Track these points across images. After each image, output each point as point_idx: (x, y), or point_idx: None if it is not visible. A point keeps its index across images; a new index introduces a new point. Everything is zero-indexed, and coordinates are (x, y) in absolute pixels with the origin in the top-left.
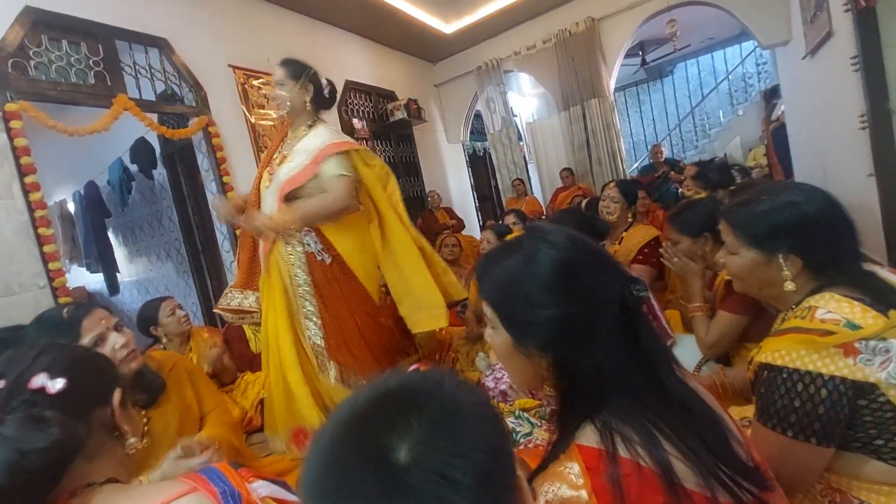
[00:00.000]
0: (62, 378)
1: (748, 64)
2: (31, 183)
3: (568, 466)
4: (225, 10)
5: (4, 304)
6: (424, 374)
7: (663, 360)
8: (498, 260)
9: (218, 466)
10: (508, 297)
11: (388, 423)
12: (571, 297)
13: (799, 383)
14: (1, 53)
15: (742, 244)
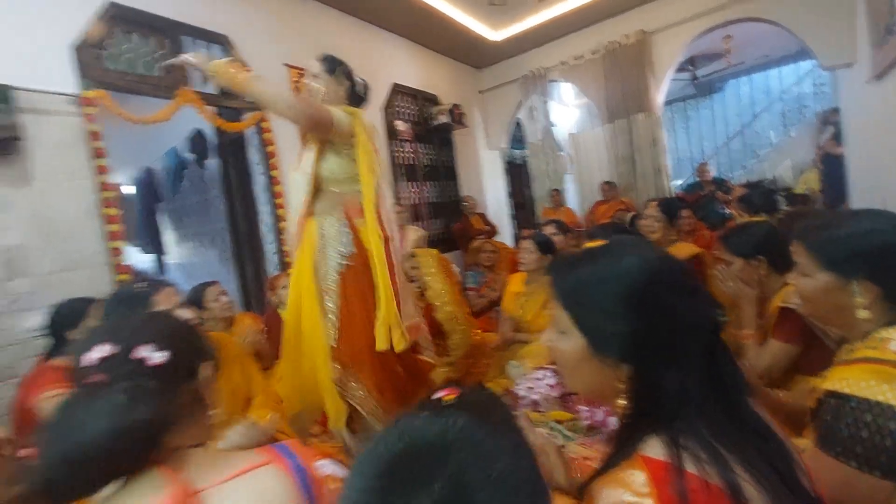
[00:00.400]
0: (166, 351)
1: (805, 84)
2: (100, 166)
3: (632, 474)
4: (282, 10)
5: (69, 278)
6: (437, 429)
7: (739, 388)
8: (580, 264)
9: (287, 443)
10: (590, 302)
11: (409, 484)
12: (659, 312)
13: (867, 413)
14: (82, 44)
15: (817, 267)
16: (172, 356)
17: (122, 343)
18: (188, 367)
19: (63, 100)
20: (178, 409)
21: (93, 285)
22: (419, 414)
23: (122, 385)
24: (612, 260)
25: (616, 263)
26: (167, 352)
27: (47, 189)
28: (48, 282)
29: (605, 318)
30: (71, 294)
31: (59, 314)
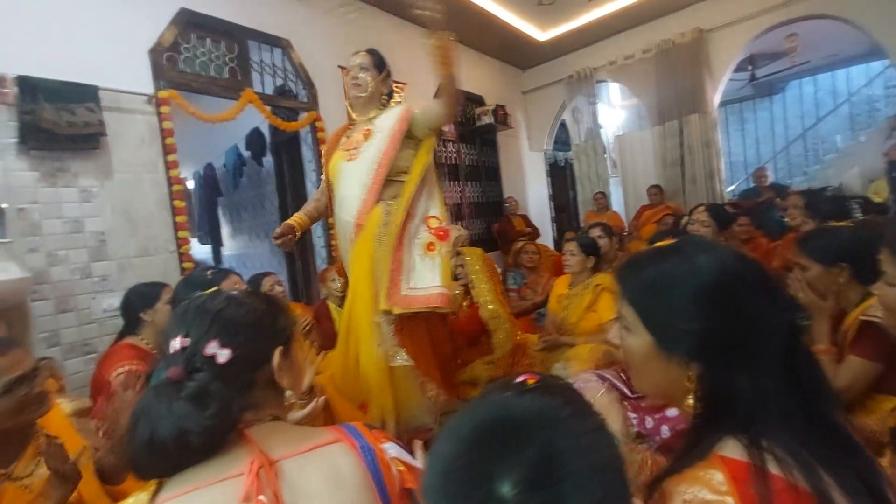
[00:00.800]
0: (229, 349)
1: (876, 86)
2: (171, 161)
3: (710, 473)
4: (338, 14)
5: (141, 263)
6: (528, 401)
7: (824, 395)
8: (651, 262)
9: (354, 424)
10: (659, 299)
11: (493, 464)
12: (731, 311)
13: None
14: (158, 48)
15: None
16: (236, 352)
17: (195, 336)
18: (258, 357)
19: (141, 99)
20: (251, 397)
21: (165, 271)
22: (506, 392)
23: (192, 386)
24: (682, 257)
25: (687, 261)
26: (229, 349)
27: (127, 181)
28: (129, 265)
29: (673, 315)
30: (147, 278)
31: (133, 297)
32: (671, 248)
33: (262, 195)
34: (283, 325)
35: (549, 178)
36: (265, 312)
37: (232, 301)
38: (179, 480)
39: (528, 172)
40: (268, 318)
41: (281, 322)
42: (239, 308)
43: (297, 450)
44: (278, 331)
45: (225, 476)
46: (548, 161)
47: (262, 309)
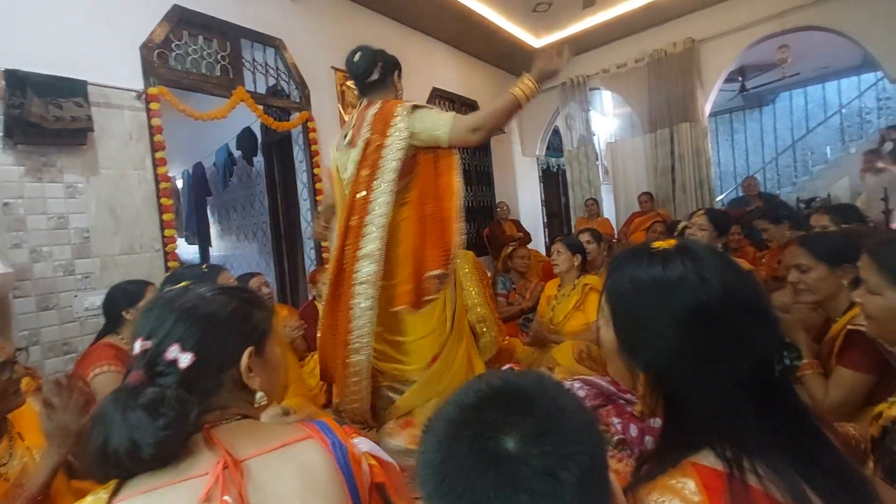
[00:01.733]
0: (190, 353)
1: (867, 97)
2: (160, 158)
3: (681, 481)
4: (332, 15)
5: (126, 261)
6: (528, 375)
7: (809, 435)
8: (638, 266)
9: (325, 420)
10: (632, 308)
11: (500, 421)
12: (698, 339)
13: None
14: (149, 44)
15: (888, 284)
16: (198, 356)
17: (158, 338)
18: (223, 360)
19: (130, 95)
20: (217, 399)
21: (150, 270)
22: (501, 372)
23: (150, 394)
24: (669, 276)
25: (672, 283)
26: (191, 354)
27: (114, 178)
28: (113, 263)
29: (640, 327)
30: (131, 277)
31: (117, 294)
32: (663, 257)
33: (252, 195)
34: (255, 322)
35: (541, 183)
36: (236, 310)
37: (200, 299)
38: (141, 480)
39: (520, 178)
40: (238, 316)
41: (254, 319)
42: (207, 306)
43: (265, 448)
44: (250, 329)
45: (188, 476)
46: (540, 167)
47: (233, 306)
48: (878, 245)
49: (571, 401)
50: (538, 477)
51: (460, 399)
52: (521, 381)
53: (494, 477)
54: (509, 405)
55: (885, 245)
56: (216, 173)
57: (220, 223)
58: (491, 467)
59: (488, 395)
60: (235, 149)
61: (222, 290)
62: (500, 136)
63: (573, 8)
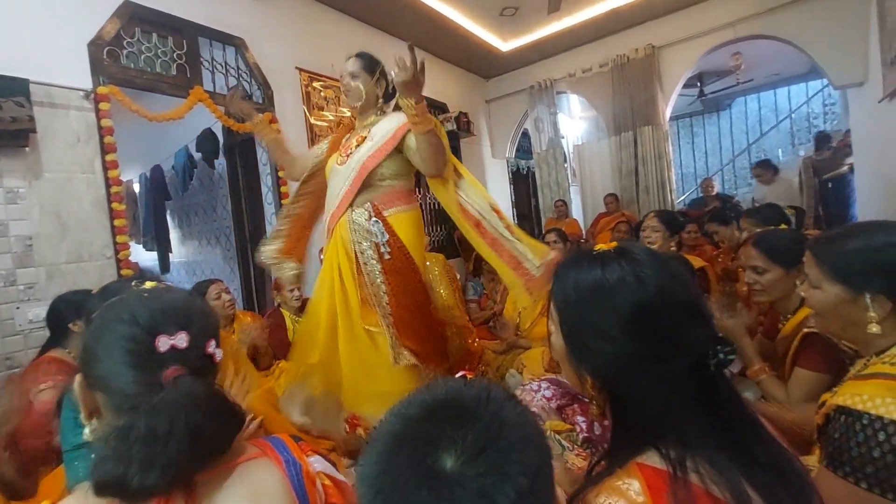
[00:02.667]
0: (217, 345)
1: (814, 104)
2: (110, 160)
3: (627, 482)
4: (297, 15)
5: (74, 270)
6: (475, 387)
7: (746, 427)
8: (580, 271)
9: (281, 437)
10: (577, 314)
11: (439, 436)
12: (641, 340)
13: (881, 432)
14: (99, 41)
15: (827, 279)
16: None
17: (193, 331)
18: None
19: (77, 95)
20: None
21: (101, 279)
22: (451, 382)
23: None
24: (609, 280)
25: (612, 286)
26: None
27: (59, 181)
28: (59, 272)
29: (586, 331)
30: (79, 286)
31: (62, 305)
32: (602, 260)
33: (214, 199)
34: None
35: (511, 185)
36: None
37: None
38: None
39: (490, 180)
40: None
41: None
42: (201, 305)
43: (215, 467)
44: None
45: None
46: (510, 169)
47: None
48: (817, 241)
49: (516, 414)
50: (473, 499)
51: (403, 410)
52: (466, 393)
53: (428, 496)
54: (450, 419)
55: (823, 241)
56: (175, 176)
57: (181, 228)
58: (425, 485)
59: (431, 407)
60: (195, 151)
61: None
62: (470, 139)
63: (539, 13)
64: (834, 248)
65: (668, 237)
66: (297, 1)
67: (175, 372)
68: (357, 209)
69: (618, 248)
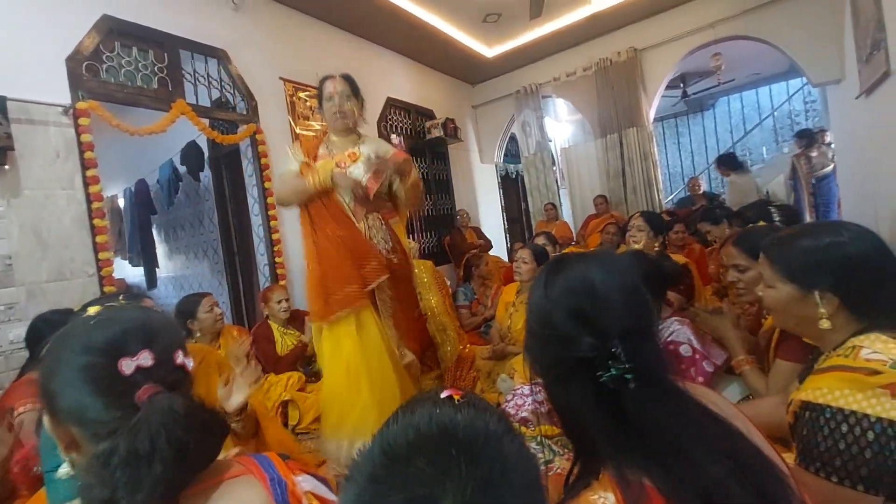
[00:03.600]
0: (185, 354)
1: (795, 101)
2: (91, 176)
3: (602, 496)
4: (280, 26)
5: (55, 288)
6: (468, 415)
7: (682, 444)
8: (546, 274)
9: (268, 455)
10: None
11: (438, 471)
12: (542, 335)
13: (843, 424)
14: (77, 56)
15: (779, 278)
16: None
17: (158, 346)
18: None
19: (55, 111)
20: None
21: (83, 296)
22: (437, 407)
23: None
24: (537, 280)
25: (537, 281)
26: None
27: (38, 199)
28: (40, 291)
29: (528, 335)
30: (61, 305)
31: (42, 325)
32: (546, 267)
33: (201, 212)
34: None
35: (500, 189)
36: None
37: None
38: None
39: (480, 185)
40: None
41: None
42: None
43: (199, 484)
44: None
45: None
46: (499, 173)
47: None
48: (770, 243)
49: (518, 456)
50: None
51: (390, 443)
52: (460, 423)
53: None
54: (446, 462)
55: (775, 242)
56: (161, 190)
57: (168, 243)
58: None
59: (421, 443)
60: (180, 164)
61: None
62: (458, 144)
63: (521, 19)
64: (784, 249)
65: (652, 237)
66: (280, 11)
67: (148, 391)
68: (371, 215)
69: (555, 257)
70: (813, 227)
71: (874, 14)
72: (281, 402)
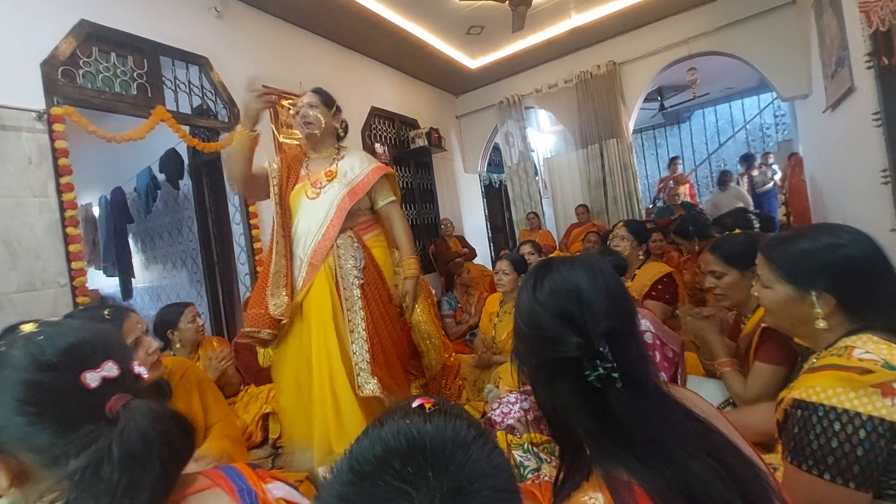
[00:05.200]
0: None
1: (766, 115)
2: (65, 184)
3: (592, 497)
4: (263, 34)
5: (25, 300)
6: (436, 423)
7: (665, 442)
8: (532, 276)
9: (236, 465)
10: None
11: (406, 483)
12: (531, 337)
13: (836, 422)
14: (52, 61)
15: (777, 278)
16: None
17: (118, 357)
18: None
19: (28, 116)
20: None
21: (55, 308)
22: (407, 418)
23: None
24: (525, 282)
25: (526, 283)
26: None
27: (8, 207)
28: (9, 302)
29: (517, 336)
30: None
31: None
32: (533, 270)
33: (180, 221)
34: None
35: (484, 199)
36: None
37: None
38: None
39: (463, 194)
40: None
41: None
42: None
43: (162, 500)
44: None
45: None
46: (483, 183)
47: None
48: (768, 243)
49: (485, 457)
50: None
51: (359, 459)
52: (428, 433)
53: None
54: (419, 473)
55: (774, 243)
56: (138, 198)
57: (145, 252)
58: None
59: (388, 456)
60: (159, 172)
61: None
62: (442, 154)
63: (504, 31)
64: (784, 250)
65: (635, 245)
66: (264, 20)
67: (120, 400)
68: (342, 236)
69: (540, 262)
70: (812, 229)
71: (838, 33)
72: (262, 414)
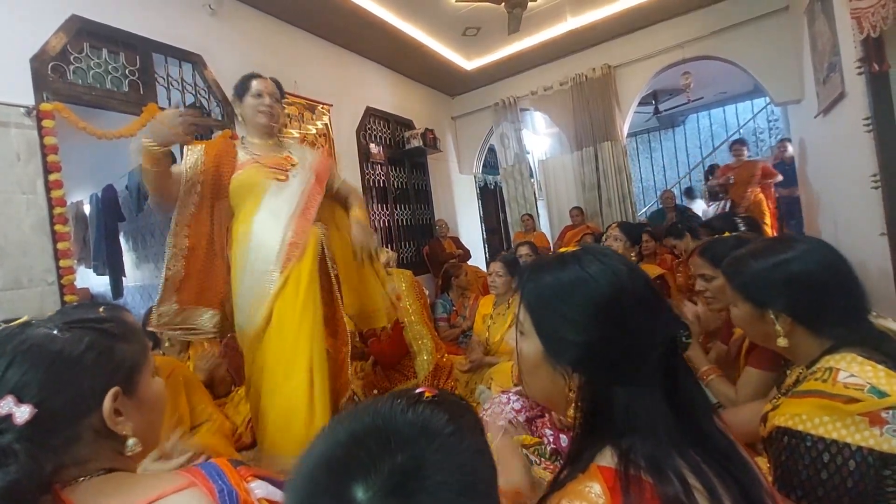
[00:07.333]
0: (29, 406)
1: (760, 119)
2: (54, 180)
3: (588, 486)
4: (257, 32)
5: (11, 297)
6: (416, 413)
7: (703, 410)
8: (550, 269)
9: (217, 462)
10: (552, 307)
11: (355, 464)
12: (617, 326)
13: (825, 453)
14: (43, 56)
15: (736, 297)
16: (41, 409)
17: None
18: (76, 408)
19: (17, 111)
20: (72, 454)
21: (42, 306)
22: (395, 401)
23: None
24: (579, 267)
25: (583, 271)
26: (30, 406)
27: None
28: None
29: (563, 324)
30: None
31: None
32: (571, 255)
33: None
34: (120, 358)
35: (479, 200)
36: (91, 346)
37: (42, 337)
38: None
39: (458, 195)
40: (94, 354)
41: (117, 355)
42: (50, 345)
43: (138, 501)
44: (113, 367)
45: None
46: (478, 184)
47: (88, 342)
48: (728, 262)
49: (447, 454)
50: None
51: (333, 432)
52: (401, 419)
53: None
54: (373, 447)
55: (733, 262)
56: (129, 196)
57: (136, 251)
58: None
59: (357, 434)
60: None
61: (73, 324)
62: (438, 155)
63: (500, 33)
64: (740, 269)
65: (629, 246)
66: (258, 18)
67: None
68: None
69: (584, 247)
70: (765, 245)
71: (830, 39)
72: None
